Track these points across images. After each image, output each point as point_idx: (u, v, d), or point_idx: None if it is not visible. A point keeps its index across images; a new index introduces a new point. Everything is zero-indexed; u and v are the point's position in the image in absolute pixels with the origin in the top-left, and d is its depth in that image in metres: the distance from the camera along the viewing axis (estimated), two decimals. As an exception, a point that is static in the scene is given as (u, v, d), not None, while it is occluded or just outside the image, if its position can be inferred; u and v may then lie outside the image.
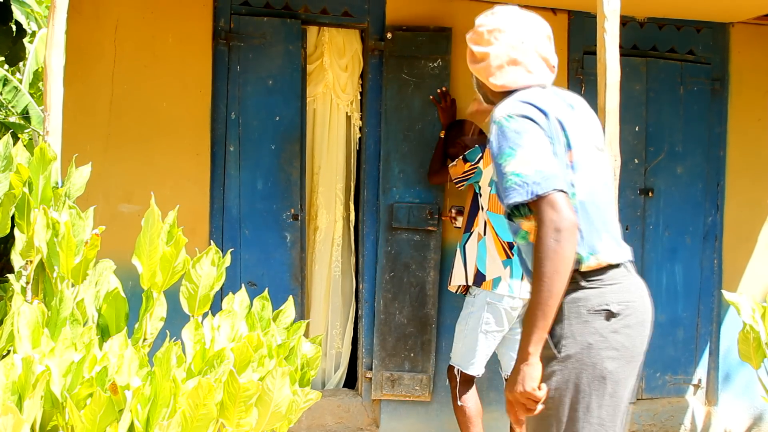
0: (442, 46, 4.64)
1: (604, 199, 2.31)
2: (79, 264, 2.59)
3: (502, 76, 2.34)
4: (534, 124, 2.19)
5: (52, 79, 2.88)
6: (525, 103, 2.24)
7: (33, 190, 2.71)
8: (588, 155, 2.28)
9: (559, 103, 2.30)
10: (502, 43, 2.34)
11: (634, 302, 2.25)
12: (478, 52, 2.38)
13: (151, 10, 4.37)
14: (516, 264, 4.04)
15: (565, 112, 2.28)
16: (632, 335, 2.22)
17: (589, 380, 2.18)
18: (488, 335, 4.05)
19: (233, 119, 4.48)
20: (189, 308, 2.64)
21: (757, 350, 4.18)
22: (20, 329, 2.32)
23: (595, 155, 2.33)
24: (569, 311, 2.20)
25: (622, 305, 2.21)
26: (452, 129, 4.50)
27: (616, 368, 2.19)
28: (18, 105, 9.14)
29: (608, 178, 2.38)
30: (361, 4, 4.66)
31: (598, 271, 2.23)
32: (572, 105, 2.35)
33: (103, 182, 4.06)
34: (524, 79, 2.34)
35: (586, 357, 2.18)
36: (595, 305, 2.21)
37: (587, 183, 2.25)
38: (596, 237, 2.24)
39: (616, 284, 2.24)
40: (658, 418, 5.05)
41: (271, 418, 2.40)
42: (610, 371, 2.18)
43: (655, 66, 5.02)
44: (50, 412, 2.30)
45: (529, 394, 2.12)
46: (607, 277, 2.24)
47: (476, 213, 4.13)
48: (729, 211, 5.12)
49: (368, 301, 4.64)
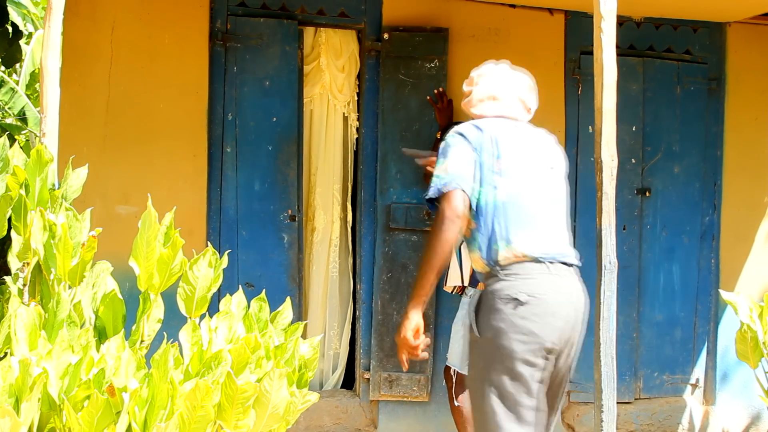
0: (438, 46, 4.64)
1: (534, 203, 2.78)
2: (76, 266, 2.58)
3: (479, 108, 2.97)
4: (464, 139, 2.81)
5: (49, 80, 2.88)
6: (470, 124, 2.87)
7: (30, 192, 2.70)
8: (520, 167, 2.80)
9: (505, 128, 2.86)
10: (485, 84, 2.98)
11: (544, 294, 2.66)
12: (467, 90, 3.04)
13: (148, 12, 4.37)
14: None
15: (507, 134, 2.83)
16: (540, 323, 2.63)
17: (500, 358, 2.63)
18: None
19: (230, 120, 4.48)
20: (186, 310, 2.64)
21: (755, 349, 4.19)
22: (17, 331, 2.32)
23: (541, 171, 2.85)
24: (486, 300, 2.70)
25: (530, 296, 2.64)
26: (449, 130, 4.50)
27: (524, 350, 2.62)
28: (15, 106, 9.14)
29: (554, 190, 2.88)
30: (357, 5, 4.66)
31: (515, 265, 2.69)
32: (527, 134, 2.92)
33: (100, 184, 4.06)
34: (495, 110, 2.94)
35: (497, 339, 2.63)
36: (505, 295, 2.66)
37: (512, 187, 2.75)
38: (514, 232, 2.70)
39: (529, 278, 2.67)
40: (656, 417, 5.06)
41: (268, 420, 2.40)
42: (517, 352, 2.61)
43: (652, 66, 5.02)
44: (47, 415, 2.29)
45: (406, 340, 2.69)
46: (522, 272, 2.68)
47: None
48: (726, 210, 5.13)
49: (366, 302, 4.64)
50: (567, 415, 4.92)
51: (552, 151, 2.97)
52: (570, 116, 4.90)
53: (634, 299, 4.98)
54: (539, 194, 2.81)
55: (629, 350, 4.97)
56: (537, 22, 4.85)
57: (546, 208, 2.82)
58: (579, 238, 4.92)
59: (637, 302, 5.00)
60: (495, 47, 4.80)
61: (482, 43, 4.78)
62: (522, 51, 4.83)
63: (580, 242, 4.90)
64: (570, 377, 2.85)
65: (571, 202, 4.88)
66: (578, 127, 4.91)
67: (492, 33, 4.80)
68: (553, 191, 2.88)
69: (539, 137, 2.97)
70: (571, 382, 4.84)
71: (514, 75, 3.03)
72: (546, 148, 2.95)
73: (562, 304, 2.69)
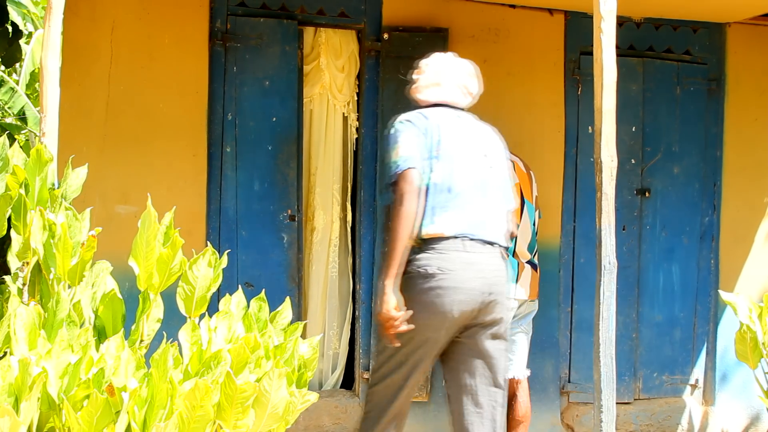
0: (438, 46, 4.61)
1: (461, 185, 3.09)
2: (76, 265, 2.58)
3: (424, 93, 3.32)
4: (411, 125, 3.14)
5: (49, 80, 2.88)
6: (416, 112, 3.22)
7: (29, 192, 2.70)
8: (457, 154, 3.13)
9: (448, 117, 3.21)
10: (430, 72, 3.35)
11: (453, 270, 3.00)
12: (414, 78, 3.39)
13: (148, 11, 4.37)
14: (511, 266, 4.05)
15: (449, 123, 3.19)
16: (442, 295, 2.98)
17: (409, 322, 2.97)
18: None
19: (230, 120, 4.48)
20: (186, 310, 2.64)
21: (754, 350, 4.19)
22: (17, 331, 2.32)
23: (473, 157, 3.18)
24: (407, 270, 3.04)
25: (439, 270, 2.99)
26: None
27: (425, 317, 3.00)
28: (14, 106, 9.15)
29: (485, 174, 3.18)
30: (357, 5, 4.66)
31: (435, 240, 3.03)
32: (467, 124, 3.26)
33: (100, 184, 4.06)
34: (439, 96, 3.29)
35: (408, 304, 2.99)
36: (419, 266, 3.02)
37: (445, 170, 3.08)
38: (439, 212, 3.04)
39: (444, 254, 3.02)
40: (656, 418, 5.06)
41: (268, 420, 2.40)
42: (418, 318, 2.98)
43: (652, 66, 5.02)
44: (47, 414, 2.29)
45: (385, 314, 2.95)
46: (439, 247, 3.02)
47: None
48: (726, 211, 5.13)
49: (365, 302, 4.64)
50: (566, 416, 4.92)
51: (488, 140, 3.28)
52: (570, 116, 4.90)
53: (634, 299, 4.99)
54: (468, 178, 3.12)
55: (628, 350, 4.97)
56: (537, 23, 4.85)
57: (473, 191, 3.12)
58: (578, 239, 4.93)
59: (636, 302, 5.00)
60: (495, 47, 4.80)
61: (482, 43, 4.78)
62: (522, 51, 4.84)
63: (580, 242, 4.92)
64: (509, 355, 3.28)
65: (570, 203, 4.92)
66: (578, 128, 4.91)
67: (492, 33, 4.80)
68: (484, 176, 3.18)
69: (478, 127, 3.30)
70: (570, 382, 4.90)
71: (456, 63, 3.39)
72: (482, 137, 3.27)
73: (469, 280, 3.01)
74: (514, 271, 4.05)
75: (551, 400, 4.86)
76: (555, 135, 4.88)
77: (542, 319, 4.63)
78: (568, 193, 4.92)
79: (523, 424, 4.17)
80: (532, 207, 4.19)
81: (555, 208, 4.84)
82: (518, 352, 4.21)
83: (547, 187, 4.64)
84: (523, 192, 4.14)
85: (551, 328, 4.83)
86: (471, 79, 3.37)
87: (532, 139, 4.79)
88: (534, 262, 4.19)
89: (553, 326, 4.84)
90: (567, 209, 4.91)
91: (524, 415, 4.17)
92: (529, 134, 4.80)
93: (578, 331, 4.92)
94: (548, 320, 4.80)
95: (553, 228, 4.82)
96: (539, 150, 4.78)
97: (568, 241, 4.92)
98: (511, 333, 4.16)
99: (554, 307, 4.84)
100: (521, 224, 4.10)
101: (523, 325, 4.20)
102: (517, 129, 4.66)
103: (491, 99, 4.74)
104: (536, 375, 4.71)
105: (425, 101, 3.30)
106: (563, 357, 4.91)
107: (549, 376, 4.85)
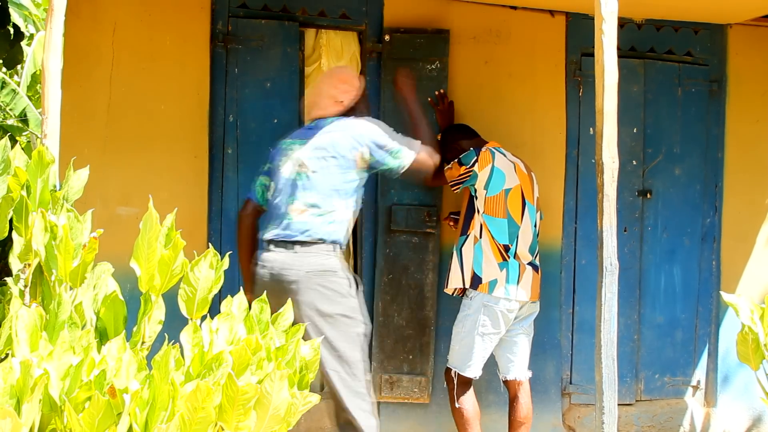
0: (440, 48, 4.64)
1: (275, 198, 3.73)
2: (77, 267, 2.58)
3: (310, 115, 3.92)
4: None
5: (50, 82, 2.88)
6: None
7: (31, 194, 2.70)
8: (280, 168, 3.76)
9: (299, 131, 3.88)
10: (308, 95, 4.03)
11: (263, 261, 3.64)
12: None
13: (149, 13, 4.37)
14: (512, 267, 4.05)
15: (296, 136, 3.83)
16: (262, 275, 3.62)
17: None
18: (485, 337, 4.06)
19: (231, 122, 4.48)
20: (187, 311, 2.64)
21: (756, 351, 4.18)
22: (18, 333, 2.32)
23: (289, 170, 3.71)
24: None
25: (259, 260, 3.67)
26: (449, 132, 4.51)
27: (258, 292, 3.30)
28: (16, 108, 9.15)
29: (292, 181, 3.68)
30: (358, 6, 4.66)
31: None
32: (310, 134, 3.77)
33: (101, 185, 4.06)
34: (316, 114, 3.84)
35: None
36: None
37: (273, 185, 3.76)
38: (267, 222, 3.72)
39: (262, 250, 3.68)
40: (657, 419, 5.06)
41: (269, 421, 2.40)
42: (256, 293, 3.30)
43: (653, 67, 5.02)
44: (48, 416, 2.29)
45: None
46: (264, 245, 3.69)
47: (472, 216, 4.14)
48: (727, 212, 5.12)
49: (366, 304, 4.63)
50: (568, 417, 4.92)
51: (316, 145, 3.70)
52: (571, 118, 4.90)
53: (635, 301, 4.99)
54: (281, 190, 3.71)
55: (630, 352, 4.97)
56: (538, 24, 4.85)
57: (280, 200, 3.69)
58: (580, 240, 4.93)
59: (638, 304, 5.00)
60: (496, 49, 4.80)
61: (483, 44, 4.78)
62: (523, 53, 4.84)
63: (581, 244, 4.92)
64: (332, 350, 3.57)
65: (572, 204, 4.92)
66: (579, 129, 4.90)
67: (493, 34, 4.80)
68: (290, 182, 3.68)
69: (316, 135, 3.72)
70: (571, 384, 4.89)
71: (325, 76, 3.94)
72: (312, 144, 3.70)
73: (260, 275, 3.63)
74: (515, 272, 4.05)
75: (553, 401, 4.85)
76: (556, 136, 4.88)
77: (544, 321, 4.63)
78: (570, 194, 4.92)
79: (525, 425, 4.17)
80: (533, 208, 4.19)
81: (556, 210, 4.84)
82: (519, 353, 4.21)
83: (548, 189, 4.64)
84: (524, 193, 4.14)
85: (553, 330, 4.83)
86: (336, 89, 3.79)
87: (534, 141, 4.79)
88: (535, 263, 4.19)
89: (555, 328, 4.84)
90: (568, 211, 4.91)
91: (526, 416, 4.17)
92: (531, 135, 4.80)
93: (580, 333, 4.92)
94: (550, 322, 4.80)
95: (554, 229, 4.82)
96: (540, 151, 4.78)
97: (570, 243, 4.92)
98: (512, 335, 4.17)
99: (556, 309, 4.84)
100: (522, 226, 4.10)
101: (524, 326, 4.20)
102: (519, 130, 4.66)
103: (492, 100, 4.78)
104: (538, 376, 4.70)
105: (308, 120, 3.95)
106: (565, 358, 4.91)
107: (550, 377, 4.84)
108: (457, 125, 4.51)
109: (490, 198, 4.07)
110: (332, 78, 3.87)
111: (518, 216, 4.09)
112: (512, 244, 4.07)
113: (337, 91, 3.79)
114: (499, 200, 4.07)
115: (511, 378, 4.22)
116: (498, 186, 4.08)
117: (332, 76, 3.90)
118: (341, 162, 3.67)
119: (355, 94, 3.84)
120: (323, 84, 3.88)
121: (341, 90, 3.79)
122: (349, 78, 3.87)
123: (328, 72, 4.01)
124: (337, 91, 3.79)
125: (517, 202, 4.10)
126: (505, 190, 4.08)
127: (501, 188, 4.08)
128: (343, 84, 3.82)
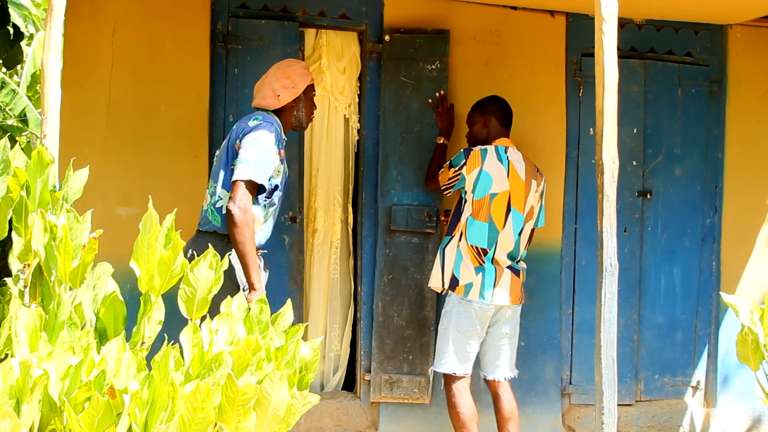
0: (440, 48, 4.64)
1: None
2: (77, 267, 2.58)
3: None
4: None
5: (50, 82, 2.88)
6: None
7: (30, 194, 2.70)
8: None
9: None
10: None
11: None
12: None
13: (149, 13, 4.37)
14: (488, 271, 4.05)
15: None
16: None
17: None
18: (461, 333, 4.07)
19: (231, 122, 4.48)
20: (187, 312, 2.64)
21: (756, 352, 4.18)
22: (18, 333, 2.32)
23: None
24: None
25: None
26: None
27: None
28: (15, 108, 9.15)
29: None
30: (359, 7, 4.66)
31: None
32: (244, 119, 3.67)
33: (101, 185, 4.06)
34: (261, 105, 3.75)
35: None
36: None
37: None
38: None
39: None
40: (657, 420, 5.05)
41: (269, 422, 2.40)
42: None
43: (653, 68, 5.02)
44: (48, 416, 2.29)
45: None
46: None
47: (459, 217, 4.14)
48: (727, 212, 5.12)
49: (367, 304, 4.64)
50: (567, 417, 4.92)
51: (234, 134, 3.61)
52: (571, 118, 4.90)
53: (635, 301, 4.99)
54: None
55: (630, 352, 4.97)
56: (538, 24, 4.85)
57: None
58: (580, 240, 4.93)
59: (637, 304, 5.00)
60: (496, 49, 4.80)
61: (483, 45, 4.78)
62: (523, 53, 4.84)
63: (581, 244, 4.92)
64: None
65: (572, 204, 4.92)
66: (579, 129, 4.91)
67: (493, 35, 4.80)
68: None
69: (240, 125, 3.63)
70: (571, 384, 4.90)
71: (275, 66, 3.77)
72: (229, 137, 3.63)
73: None
74: (491, 277, 4.05)
75: (552, 401, 4.85)
76: (556, 137, 4.88)
77: (544, 321, 4.63)
78: (570, 194, 4.92)
79: (512, 420, 4.15)
80: (520, 216, 4.13)
81: (556, 210, 4.84)
82: (503, 357, 4.20)
83: (548, 189, 4.64)
84: (511, 200, 4.10)
85: (553, 330, 4.83)
86: (277, 84, 3.68)
87: (534, 141, 4.79)
88: (516, 267, 4.16)
89: (555, 328, 4.84)
90: (568, 211, 4.92)
91: (511, 412, 4.16)
92: (531, 136, 4.80)
93: (579, 333, 4.92)
94: (550, 322, 4.80)
95: (554, 230, 4.82)
96: (540, 152, 4.78)
97: (570, 243, 4.92)
98: (495, 339, 4.17)
99: (556, 309, 4.84)
100: (503, 232, 4.08)
101: (507, 330, 4.19)
102: (519, 131, 4.66)
103: (492, 101, 4.77)
104: (537, 377, 4.70)
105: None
106: (564, 359, 4.91)
107: (550, 377, 4.84)
108: (500, 105, 4.31)
109: (477, 201, 4.07)
110: (279, 70, 3.73)
111: (500, 222, 4.07)
112: (491, 249, 4.07)
113: (278, 84, 3.68)
114: (483, 204, 4.06)
115: (491, 378, 4.22)
116: (484, 190, 4.06)
117: (280, 68, 3.74)
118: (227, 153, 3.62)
119: (294, 93, 3.69)
120: (270, 73, 3.74)
121: (282, 85, 3.67)
122: (293, 75, 3.70)
123: (280, 62, 3.80)
124: (279, 85, 3.68)
125: (502, 208, 4.07)
126: (490, 195, 4.06)
127: (486, 192, 4.05)
128: (287, 79, 3.69)
